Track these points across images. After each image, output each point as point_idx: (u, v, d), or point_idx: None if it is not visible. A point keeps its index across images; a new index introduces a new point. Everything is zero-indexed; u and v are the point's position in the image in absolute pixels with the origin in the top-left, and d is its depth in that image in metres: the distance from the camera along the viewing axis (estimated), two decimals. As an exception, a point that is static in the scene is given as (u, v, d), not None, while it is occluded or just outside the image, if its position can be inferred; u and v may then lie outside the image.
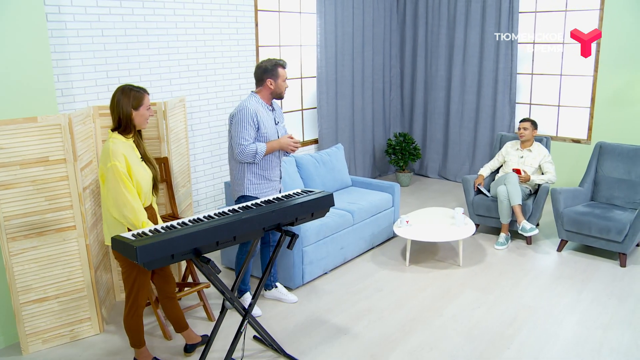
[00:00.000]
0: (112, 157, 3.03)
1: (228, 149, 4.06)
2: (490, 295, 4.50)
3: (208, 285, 4.09)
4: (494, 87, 7.46)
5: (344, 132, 7.45)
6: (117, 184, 3.03)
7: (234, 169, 4.02)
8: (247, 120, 3.84)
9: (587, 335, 3.89)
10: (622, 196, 5.43)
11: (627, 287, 4.64)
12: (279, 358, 3.64)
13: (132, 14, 4.78)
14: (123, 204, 3.05)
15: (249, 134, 3.85)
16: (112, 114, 3.16)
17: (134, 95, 3.15)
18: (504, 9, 7.12)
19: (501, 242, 5.51)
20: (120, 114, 3.12)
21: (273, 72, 3.94)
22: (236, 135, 3.85)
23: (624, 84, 6.52)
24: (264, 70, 3.94)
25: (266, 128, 3.94)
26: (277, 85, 3.97)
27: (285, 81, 4.01)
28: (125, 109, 3.12)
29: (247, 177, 3.98)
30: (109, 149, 3.05)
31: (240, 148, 3.84)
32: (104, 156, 3.08)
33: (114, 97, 3.14)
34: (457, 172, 8.05)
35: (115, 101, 3.13)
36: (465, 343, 3.79)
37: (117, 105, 3.12)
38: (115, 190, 3.04)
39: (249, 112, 3.85)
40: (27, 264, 3.61)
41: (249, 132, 3.85)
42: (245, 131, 3.84)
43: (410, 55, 8.22)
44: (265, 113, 3.97)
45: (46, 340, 3.76)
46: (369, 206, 5.35)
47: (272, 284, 4.47)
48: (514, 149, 5.86)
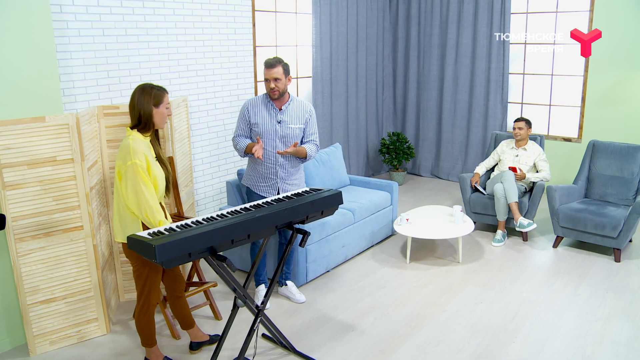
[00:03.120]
0: (133, 155, 3.03)
1: None
2: (491, 291, 4.58)
3: (215, 284, 4.10)
4: (486, 87, 7.56)
5: (338, 132, 7.50)
6: (137, 182, 3.03)
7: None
8: (240, 114, 4.14)
9: (588, 328, 3.98)
10: (615, 193, 5.55)
11: (622, 281, 4.74)
12: (289, 355, 3.67)
13: (133, 14, 4.77)
14: (142, 202, 3.05)
15: (240, 127, 4.12)
16: (132, 111, 3.16)
17: (155, 93, 3.16)
18: (496, 10, 7.23)
19: (498, 239, 5.59)
20: (140, 112, 3.13)
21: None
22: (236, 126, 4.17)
23: (613, 84, 6.66)
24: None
25: (259, 125, 4.03)
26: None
27: (266, 80, 3.97)
28: (147, 106, 3.13)
29: (248, 168, 4.28)
30: (130, 147, 3.05)
31: (232, 139, 4.15)
32: (123, 153, 3.07)
33: (135, 95, 3.15)
34: (449, 170, 8.14)
35: (136, 99, 3.14)
36: (470, 337, 3.86)
37: (138, 103, 3.13)
38: (134, 188, 3.04)
39: (242, 107, 4.13)
40: (34, 265, 3.59)
41: (240, 125, 4.12)
42: (237, 124, 4.14)
43: (402, 55, 8.30)
44: (265, 110, 4.04)
45: (53, 342, 3.74)
46: (368, 205, 5.40)
47: (283, 282, 4.49)
48: (509, 148, 5.95)
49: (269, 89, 3.97)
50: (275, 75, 3.92)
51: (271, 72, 3.92)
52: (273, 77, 3.93)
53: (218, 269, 3.15)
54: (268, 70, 3.94)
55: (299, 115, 4.11)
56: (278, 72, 3.93)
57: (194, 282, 4.24)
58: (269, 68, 3.93)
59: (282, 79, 3.95)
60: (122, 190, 3.10)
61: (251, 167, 4.19)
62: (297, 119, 4.10)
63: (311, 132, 4.18)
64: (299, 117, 4.11)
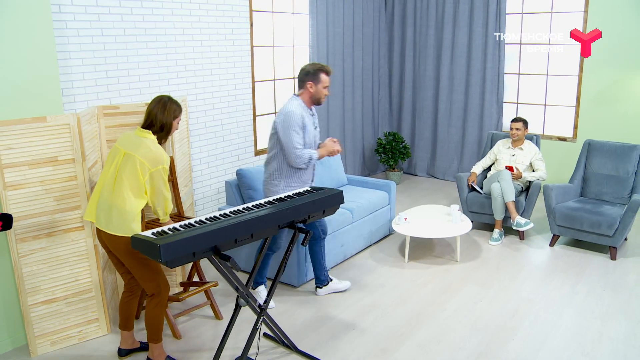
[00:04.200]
0: (165, 161, 3.29)
1: (268, 151, 4.10)
2: (490, 289, 4.61)
3: (216, 283, 4.10)
4: (481, 87, 7.60)
5: (335, 132, 7.51)
6: (164, 185, 3.31)
7: (274, 171, 4.05)
8: (296, 124, 3.87)
9: (587, 325, 4.02)
10: (610, 192, 5.60)
11: (619, 279, 4.79)
12: (291, 354, 3.68)
13: (131, 14, 4.77)
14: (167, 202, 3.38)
15: (300, 138, 3.89)
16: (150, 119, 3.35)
17: (175, 108, 3.43)
18: (491, 10, 7.27)
19: (495, 238, 5.63)
20: (165, 122, 3.36)
21: (315, 76, 3.97)
22: (289, 140, 3.86)
23: (607, 84, 6.71)
24: (306, 73, 3.99)
25: (308, 133, 3.98)
26: (317, 89, 3.99)
27: (326, 88, 4.02)
28: (169, 118, 3.39)
29: (285, 180, 4.03)
30: (162, 153, 3.29)
31: (296, 153, 3.87)
32: (153, 155, 3.25)
33: (154, 106, 3.37)
34: (445, 170, 8.17)
35: (160, 108, 3.36)
36: (471, 335, 3.89)
37: (163, 113, 3.36)
38: (161, 189, 3.30)
39: (297, 116, 3.88)
40: (35, 265, 3.58)
41: (300, 135, 3.89)
42: (297, 135, 3.87)
43: (398, 55, 8.32)
44: (308, 117, 4.01)
45: (55, 342, 3.74)
46: (367, 204, 5.42)
47: (327, 279, 4.51)
48: (506, 148, 5.99)
49: (324, 95, 4.03)
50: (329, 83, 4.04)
51: (329, 81, 4.03)
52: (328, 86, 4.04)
53: (221, 268, 3.16)
54: (329, 78, 4.01)
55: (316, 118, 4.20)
56: None
57: (194, 281, 4.24)
58: (329, 76, 4.02)
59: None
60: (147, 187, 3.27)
61: (291, 179, 4.04)
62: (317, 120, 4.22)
63: None
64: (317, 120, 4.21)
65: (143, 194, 3.25)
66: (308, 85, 3.99)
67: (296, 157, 3.88)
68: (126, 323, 3.63)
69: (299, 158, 3.88)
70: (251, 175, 4.84)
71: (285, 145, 3.90)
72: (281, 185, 4.04)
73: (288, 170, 4.01)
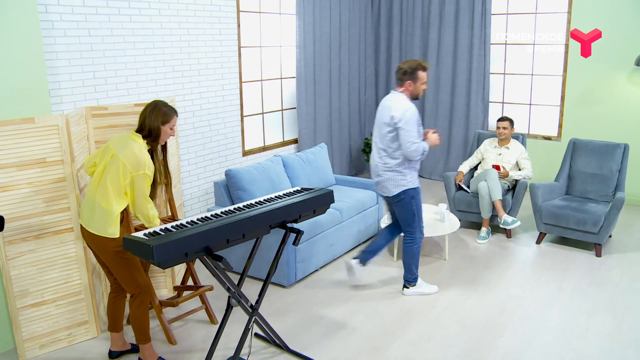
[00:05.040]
0: (148, 167, 3.23)
1: (380, 149, 4.28)
2: (479, 287, 4.65)
3: (211, 287, 4.08)
4: (467, 87, 7.67)
5: (322, 132, 7.53)
6: (144, 191, 3.23)
7: (398, 165, 4.21)
8: (414, 120, 4.10)
9: (574, 321, 4.08)
10: (595, 190, 5.68)
11: (604, 275, 4.86)
12: (283, 354, 3.69)
13: (119, 14, 4.74)
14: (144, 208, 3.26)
15: (417, 133, 4.13)
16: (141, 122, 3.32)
17: (165, 111, 3.34)
18: (477, 11, 7.33)
19: (483, 237, 5.68)
20: (151, 127, 3.30)
21: (413, 75, 4.15)
22: (407, 135, 4.07)
23: (591, 84, 6.81)
24: (404, 73, 4.17)
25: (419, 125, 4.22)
26: (415, 87, 4.19)
27: (424, 84, 4.21)
28: (155, 123, 3.31)
29: (410, 172, 4.26)
30: (145, 158, 3.24)
31: (415, 146, 4.09)
32: (135, 160, 3.20)
33: (145, 109, 3.33)
34: (432, 169, 8.23)
35: (147, 112, 3.31)
36: (461, 332, 3.93)
37: (149, 118, 3.30)
38: (142, 194, 3.24)
39: (415, 113, 4.12)
40: (24, 268, 3.55)
41: (416, 130, 4.13)
42: (414, 130, 4.10)
43: (385, 56, 8.36)
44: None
45: (43, 345, 3.71)
46: (355, 204, 5.44)
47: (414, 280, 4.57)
48: (492, 147, 6.04)
49: (422, 91, 4.26)
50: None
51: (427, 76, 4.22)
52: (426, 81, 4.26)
53: (213, 268, 3.16)
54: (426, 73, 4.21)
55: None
56: None
57: (188, 286, 4.18)
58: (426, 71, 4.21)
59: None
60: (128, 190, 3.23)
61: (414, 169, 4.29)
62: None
63: None
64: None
65: (124, 195, 3.24)
66: (407, 84, 4.18)
67: (414, 150, 4.10)
68: (115, 324, 3.62)
69: (416, 151, 4.11)
70: (240, 175, 4.84)
71: (404, 139, 4.10)
72: (408, 176, 4.25)
73: (410, 162, 4.24)
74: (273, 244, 4.49)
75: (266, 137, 6.86)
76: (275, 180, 5.16)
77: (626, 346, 3.73)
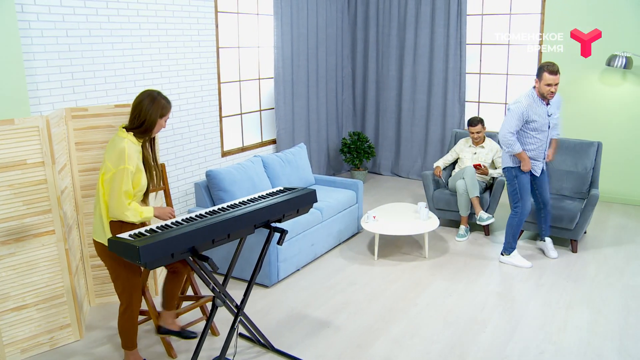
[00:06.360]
0: (128, 161, 3.05)
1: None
2: (459, 284, 4.72)
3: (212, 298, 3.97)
4: (444, 86, 7.76)
5: (300, 132, 7.55)
6: (120, 186, 3.04)
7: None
8: (517, 114, 4.63)
9: (553, 315, 4.17)
10: (570, 187, 5.81)
11: (580, 270, 4.98)
12: (268, 353, 3.70)
13: (97, 14, 4.70)
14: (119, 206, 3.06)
15: (516, 125, 4.67)
16: (135, 114, 3.14)
17: (164, 104, 3.19)
18: (452, 12, 7.43)
19: (462, 235, 5.76)
20: (146, 118, 3.13)
21: (539, 73, 4.58)
22: (505, 122, 4.68)
23: (565, 84, 6.93)
24: (537, 70, 4.63)
25: (536, 121, 4.68)
26: (540, 86, 4.60)
27: (548, 85, 4.54)
28: (154, 115, 3.14)
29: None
30: (125, 152, 3.05)
31: (507, 136, 4.67)
32: (116, 156, 3.05)
33: (144, 100, 3.14)
34: (409, 169, 8.31)
35: (145, 105, 3.13)
36: (443, 329, 3.99)
37: (147, 110, 3.12)
38: (116, 191, 3.05)
39: (520, 109, 4.63)
40: (4, 272, 3.50)
41: (516, 124, 4.66)
42: (514, 123, 4.65)
43: (361, 56, 8.42)
44: (538, 107, 4.67)
45: (25, 350, 3.66)
46: (335, 203, 5.48)
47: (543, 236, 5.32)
48: (467, 146, 6.13)
49: (546, 92, 4.58)
50: (557, 81, 4.56)
51: (556, 79, 4.54)
52: (556, 83, 4.56)
53: (198, 269, 3.16)
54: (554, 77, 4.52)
55: (557, 105, 4.86)
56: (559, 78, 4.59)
57: (188, 296, 3.99)
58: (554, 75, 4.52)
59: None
60: (105, 188, 3.09)
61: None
62: (557, 109, 4.86)
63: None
64: (557, 107, 4.86)
65: None
66: (535, 81, 4.62)
67: (502, 137, 4.71)
68: (168, 303, 3.52)
69: (503, 141, 4.72)
70: (221, 176, 4.83)
71: (502, 124, 4.72)
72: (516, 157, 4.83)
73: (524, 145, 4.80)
74: (254, 245, 4.52)
75: (245, 137, 6.85)
76: (255, 181, 5.16)
77: (603, 338, 3.84)
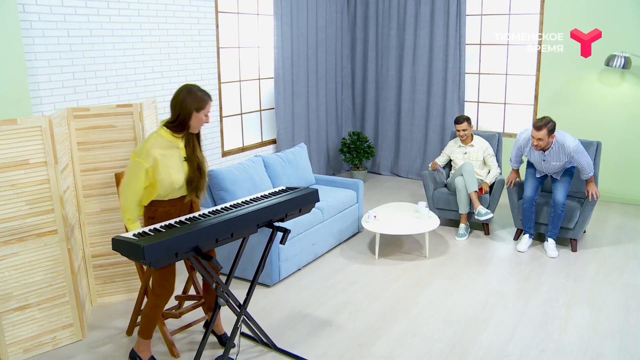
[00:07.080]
0: (144, 155, 3.10)
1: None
2: (460, 283, 4.74)
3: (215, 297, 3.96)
4: (443, 86, 7.78)
5: (300, 132, 7.56)
6: (130, 178, 3.14)
7: None
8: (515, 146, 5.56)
9: (553, 314, 4.19)
10: (569, 186, 5.82)
11: (580, 269, 5.00)
12: (271, 352, 3.71)
13: (98, 14, 4.71)
14: (124, 197, 3.20)
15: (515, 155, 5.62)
16: (172, 108, 3.18)
17: (200, 97, 3.16)
18: (452, 12, 7.45)
19: (461, 234, 5.78)
20: (180, 112, 3.14)
21: None
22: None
23: (563, 83, 6.99)
24: None
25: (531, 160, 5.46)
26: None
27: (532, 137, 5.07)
28: (188, 108, 3.14)
29: None
30: (145, 148, 3.12)
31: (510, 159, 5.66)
32: (140, 147, 3.15)
33: (180, 94, 3.15)
34: (409, 169, 8.33)
35: (181, 97, 3.14)
36: (444, 328, 4.00)
37: (181, 103, 3.14)
38: (127, 181, 3.16)
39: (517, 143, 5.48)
40: (7, 272, 3.50)
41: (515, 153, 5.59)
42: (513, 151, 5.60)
43: (361, 56, 8.44)
44: (532, 150, 5.30)
45: (28, 350, 3.66)
46: (336, 203, 5.49)
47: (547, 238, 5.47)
48: (457, 146, 6.14)
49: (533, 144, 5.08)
50: (539, 136, 4.97)
51: (538, 134, 4.97)
52: (538, 137, 4.99)
53: (201, 268, 3.17)
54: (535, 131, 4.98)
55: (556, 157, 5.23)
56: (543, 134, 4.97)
57: (190, 295, 3.98)
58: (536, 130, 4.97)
59: (545, 139, 5.00)
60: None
61: None
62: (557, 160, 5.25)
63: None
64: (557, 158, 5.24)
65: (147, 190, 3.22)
66: None
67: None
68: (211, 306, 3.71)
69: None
70: (222, 176, 4.84)
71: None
72: None
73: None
74: (255, 244, 4.53)
75: (245, 137, 6.86)
76: (256, 181, 5.17)
77: (604, 337, 3.86)
